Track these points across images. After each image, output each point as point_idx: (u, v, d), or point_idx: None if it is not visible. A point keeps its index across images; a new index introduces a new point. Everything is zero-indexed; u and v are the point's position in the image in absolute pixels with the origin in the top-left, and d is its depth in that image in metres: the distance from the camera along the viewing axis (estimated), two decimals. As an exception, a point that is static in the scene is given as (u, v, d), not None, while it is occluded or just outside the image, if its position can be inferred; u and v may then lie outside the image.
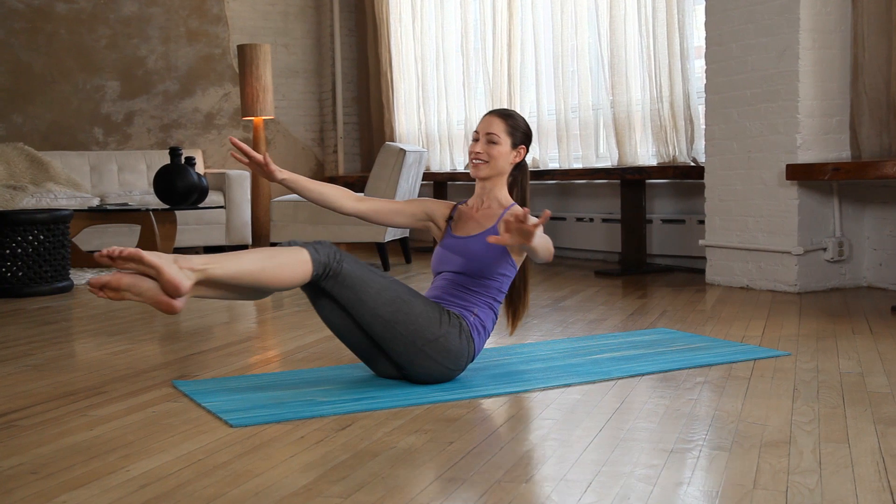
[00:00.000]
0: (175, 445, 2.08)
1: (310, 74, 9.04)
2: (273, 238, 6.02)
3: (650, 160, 5.71)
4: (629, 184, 5.48)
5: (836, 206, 4.53)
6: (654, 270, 5.47)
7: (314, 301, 2.59)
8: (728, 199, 4.83)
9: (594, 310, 4.08)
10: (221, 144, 8.64)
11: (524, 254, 2.76)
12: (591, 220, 6.24)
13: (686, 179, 5.29)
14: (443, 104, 7.69)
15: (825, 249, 4.52)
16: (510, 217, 2.30)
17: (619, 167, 5.60)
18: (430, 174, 7.38)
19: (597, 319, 3.82)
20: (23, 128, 7.91)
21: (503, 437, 2.13)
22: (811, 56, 4.41)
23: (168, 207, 6.15)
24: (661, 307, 4.11)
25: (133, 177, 7.84)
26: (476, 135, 2.80)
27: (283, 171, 2.78)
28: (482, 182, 2.82)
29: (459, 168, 7.54)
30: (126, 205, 6.62)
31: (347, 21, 8.93)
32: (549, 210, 2.38)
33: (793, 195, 4.48)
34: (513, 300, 2.91)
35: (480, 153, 2.77)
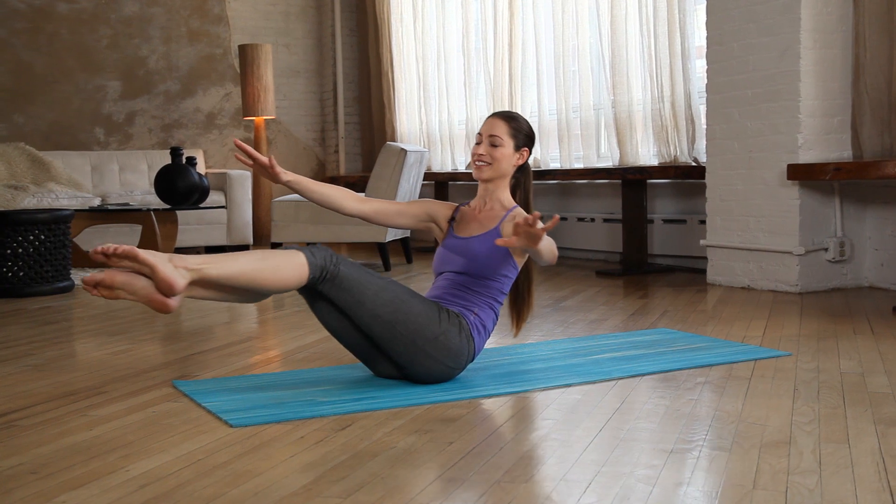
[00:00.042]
0: (175, 445, 2.08)
1: (311, 74, 9.04)
2: (274, 238, 6.02)
3: (651, 160, 5.71)
4: (630, 184, 5.48)
5: (838, 206, 4.53)
6: (656, 270, 5.47)
7: (312, 304, 2.59)
8: (729, 199, 4.83)
9: (595, 310, 4.08)
10: (223, 144, 8.64)
11: (526, 255, 2.76)
12: (593, 220, 6.24)
13: (687, 179, 5.29)
14: (444, 104, 7.69)
15: (826, 249, 4.51)
16: (521, 220, 2.31)
17: (621, 167, 5.60)
18: (432, 174, 7.38)
19: (598, 319, 3.82)
20: (24, 128, 7.92)
21: (503, 438, 2.13)
22: (812, 56, 4.41)
23: (169, 207, 6.15)
24: (662, 307, 4.11)
25: (134, 177, 7.84)
26: (479, 137, 2.81)
27: (288, 173, 2.79)
28: (485, 184, 2.83)
29: (461, 168, 7.54)
30: (127, 205, 6.62)
31: (348, 21, 8.93)
32: (557, 214, 2.38)
33: (794, 195, 4.47)
34: (517, 302, 2.92)
35: (483, 155, 2.78)
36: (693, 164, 5.26)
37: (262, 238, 8.11)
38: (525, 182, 2.87)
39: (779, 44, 4.49)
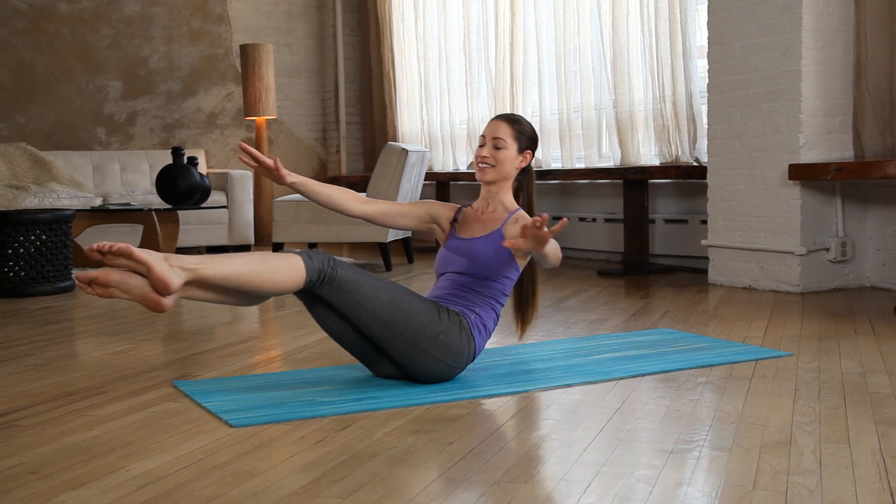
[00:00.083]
0: (175, 445, 2.08)
1: (312, 74, 9.04)
2: (275, 238, 6.02)
3: (653, 160, 5.70)
4: (632, 184, 5.48)
5: (839, 206, 4.52)
6: (657, 270, 5.47)
7: (310, 308, 2.58)
8: (730, 199, 4.82)
9: (596, 310, 4.07)
10: (224, 144, 8.64)
11: (528, 257, 2.77)
12: (594, 220, 6.24)
13: (689, 179, 5.29)
14: (445, 104, 7.69)
15: (828, 250, 4.51)
16: (528, 222, 2.31)
17: (622, 167, 5.59)
18: (433, 174, 7.37)
19: (599, 319, 3.81)
20: (26, 128, 7.92)
21: (503, 438, 2.13)
22: (814, 55, 4.40)
23: (170, 207, 6.15)
24: (664, 307, 4.10)
25: (136, 177, 7.85)
26: (482, 139, 2.83)
27: (293, 175, 2.79)
28: (487, 186, 2.84)
29: (462, 168, 7.54)
30: (128, 205, 6.63)
31: (350, 20, 8.93)
32: (566, 217, 2.39)
33: (795, 195, 4.47)
34: (521, 304, 2.93)
35: (487, 157, 2.80)
36: (694, 164, 5.26)
37: (264, 238, 8.11)
38: (528, 184, 2.88)
39: (780, 43, 4.49)
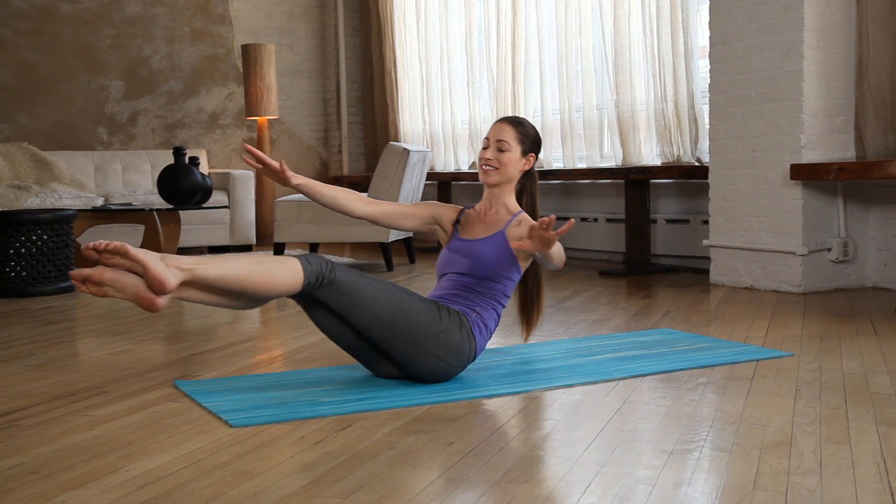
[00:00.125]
0: (175, 445, 2.08)
1: (314, 74, 9.04)
2: (277, 238, 6.02)
3: (654, 160, 5.70)
4: (633, 184, 5.47)
5: (841, 207, 4.52)
6: (659, 270, 5.46)
7: (308, 311, 2.58)
8: (732, 199, 4.82)
9: (597, 310, 4.07)
10: (226, 144, 8.65)
11: (530, 259, 2.77)
12: (596, 220, 6.23)
13: (690, 179, 5.28)
14: (447, 104, 7.69)
15: (829, 250, 4.50)
16: (536, 224, 2.32)
17: (624, 167, 5.59)
18: (435, 174, 7.37)
19: (600, 320, 3.81)
20: (27, 128, 7.93)
21: (504, 438, 2.13)
22: (815, 55, 4.40)
23: (172, 207, 6.15)
24: (665, 307, 4.10)
25: (137, 177, 7.85)
26: (486, 142, 2.83)
27: (298, 177, 2.80)
28: (490, 188, 2.84)
29: (464, 168, 7.54)
30: (130, 205, 6.63)
31: (352, 20, 8.93)
32: (573, 218, 2.39)
33: (797, 195, 4.46)
34: (526, 307, 2.93)
35: (491, 160, 2.81)
36: (696, 164, 5.25)
37: (266, 238, 8.12)
38: (531, 187, 2.89)
39: (782, 43, 4.48)
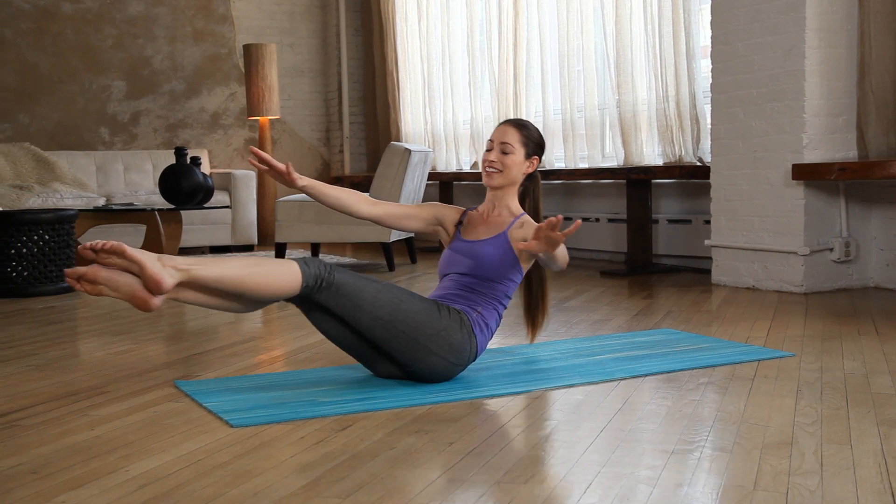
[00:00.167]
0: (175, 445, 2.08)
1: (316, 74, 9.04)
2: (278, 238, 6.02)
3: (656, 160, 5.69)
4: (635, 183, 5.47)
5: (843, 206, 4.51)
6: (660, 271, 5.46)
7: (307, 314, 2.58)
8: (734, 199, 4.81)
9: (599, 310, 4.07)
10: (227, 144, 8.65)
11: (532, 260, 2.78)
12: (597, 220, 6.23)
13: (692, 179, 5.28)
14: (448, 104, 7.69)
15: (831, 250, 4.50)
16: (543, 224, 2.32)
17: (625, 167, 5.58)
18: (436, 174, 7.37)
19: (601, 320, 3.81)
20: (29, 128, 7.93)
21: (504, 438, 2.12)
22: (817, 55, 4.39)
23: (173, 207, 6.16)
24: (667, 307, 4.10)
25: (139, 177, 7.86)
26: (490, 144, 2.84)
27: (304, 179, 2.80)
28: (493, 190, 2.85)
29: (465, 168, 7.54)
30: (132, 205, 6.63)
31: (353, 20, 8.93)
32: (580, 219, 2.39)
33: (799, 195, 4.46)
34: (531, 309, 2.94)
35: (494, 162, 2.81)
36: (698, 164, 5.25)
37: (267, 238, 8.12)
38: (534, 190, 2.90)
39: (783, 43, 4.48)
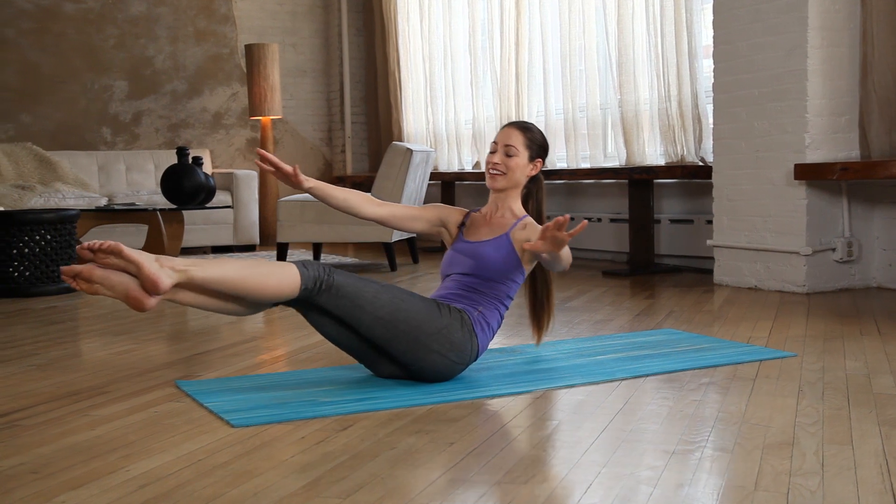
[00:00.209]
0: (176, 445, 2.08)
1: (318, 74, 9.04)
2: (280, 238, 6.02)
3: (658, 160, 5.69)
4: (637, 183, 5.46)
5: (845, 206, 4.50)
6: (663, 270, 5.45)
7: (307, 316, 2.58)
8: (736, 199, 4.81)
9: (601, 310, 4.06)
10: (229, 144, 8.65)
11: (534, 261, 2.78)
12: (599, 220, 6.22)
13: (694, 179, 5.27)
14: (450, 103, 7.68)
15: (834, 250, 4.49)
16: (551, 224, 2.33)
17: (627, 167, 5.58)
18: (438, 174, 7.37)
19: (603, 320, 3.80)
20: (31, 128, 7.94)
21: (505, 438, 2.12)
22: (819, 54, 4.39)
23: (175, 207, 6.15)
24: (668, 308, 4.09)
25: (141, 176, 7.86)
26: (494, 146, 2.84)
27: (310, 180, 2.81)
28: (497, 192, 2.85)
29: (467, 168, 7.53)
30: (133, 204, 6.63)
31: (355, 20, 8.93)
32: (586, 220, 2.40)
33: (801, 195, 4.45)
34: (537, 311, 2.94)
35: (498, 164, 2.82)
36: (700, 164, 5.24)
37: (269, 238, 8.12)
38: (537, 192, 2.90)
39: (785, 43, 4.47)
